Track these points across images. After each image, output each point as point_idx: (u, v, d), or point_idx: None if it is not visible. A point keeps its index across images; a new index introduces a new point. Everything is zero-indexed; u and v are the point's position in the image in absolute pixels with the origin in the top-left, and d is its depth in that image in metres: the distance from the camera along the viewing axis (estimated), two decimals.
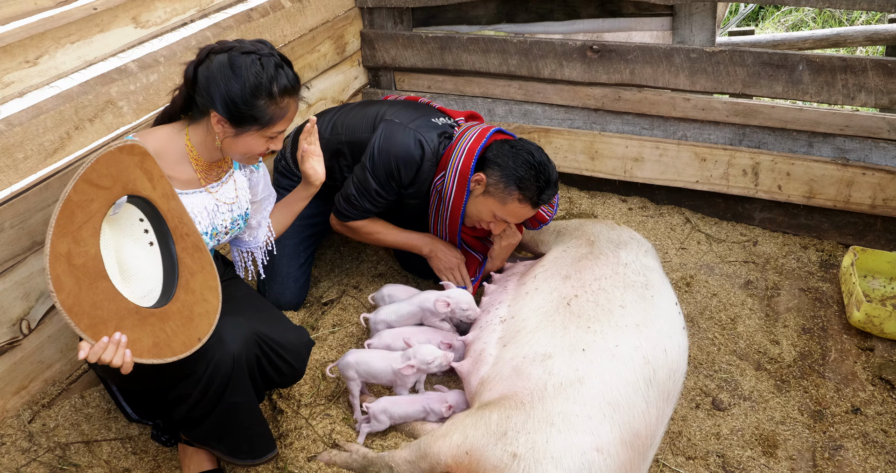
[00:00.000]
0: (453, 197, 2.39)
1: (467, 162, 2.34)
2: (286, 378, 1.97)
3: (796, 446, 2.18)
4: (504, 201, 2.31)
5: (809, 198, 2.95)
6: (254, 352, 1.81)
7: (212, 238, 1.88)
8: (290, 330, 1.98)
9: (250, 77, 1.69)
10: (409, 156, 2.35)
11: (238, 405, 1.78)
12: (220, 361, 1.70)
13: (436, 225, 2.55)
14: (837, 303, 2.74)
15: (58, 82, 2.04)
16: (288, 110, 1.79)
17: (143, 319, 1.56)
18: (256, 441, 1.90)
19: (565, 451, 1.75)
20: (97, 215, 1.50)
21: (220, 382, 1.72)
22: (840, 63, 2.66)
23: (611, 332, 2.04)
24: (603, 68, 3.00)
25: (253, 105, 1.71)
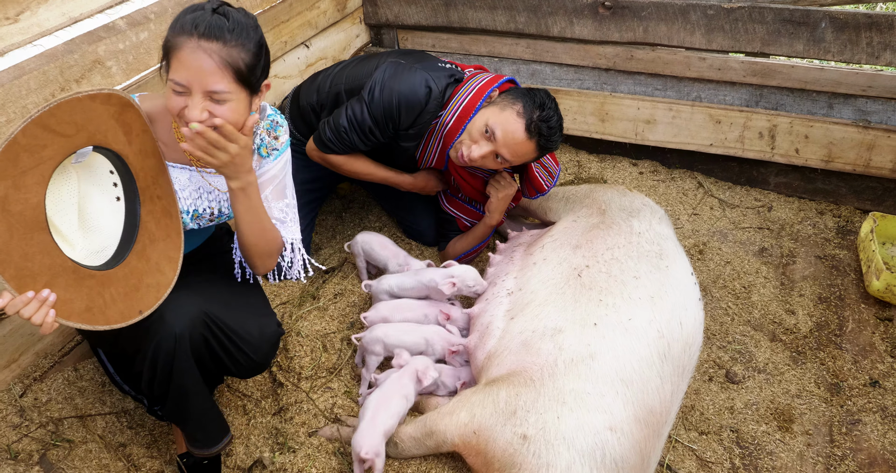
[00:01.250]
0: (449, 126, 2.26)
1: (475, 98, 2.22)
2: (243, 369, 1.81)
3: (812, 420, 2.12)
4: (503, 108, 2.16)
5: (828, 162, 2.84)
6: (200, 333, 1.66)
7: (192, 219, 1.76)
8: (252, 319, 1.81)
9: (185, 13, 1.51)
10: (413, 96, 2.20)
11: (187, 388, 1.67)
12: (162, 339, 1.59)
13: (423, 156, 2.41)
14: (855, 271, 2.66)
15: (41, 41, 1.93)
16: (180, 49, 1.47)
17: (80, 279, 1.44)
18: (209, 427, 1.81)
19: (578, 431, 1.70)
20: (48, 162, 1.38)
21: (164, 361, 1.61)
22: (865, 20, 2.52)
23: (624, 305, 1.96)
24: (615, 26, 2.86)
25: (165, 37, 1.51)
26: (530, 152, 2.19)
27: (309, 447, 1.98)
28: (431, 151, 2.37)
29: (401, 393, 1.97)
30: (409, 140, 2.33)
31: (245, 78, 1.53)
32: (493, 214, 2.48)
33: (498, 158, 2.21)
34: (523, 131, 2.13)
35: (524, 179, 2.46)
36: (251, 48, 1.52)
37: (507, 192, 2.41)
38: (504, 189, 2.40)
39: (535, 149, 2.18)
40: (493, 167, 2.28)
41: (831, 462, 2.02)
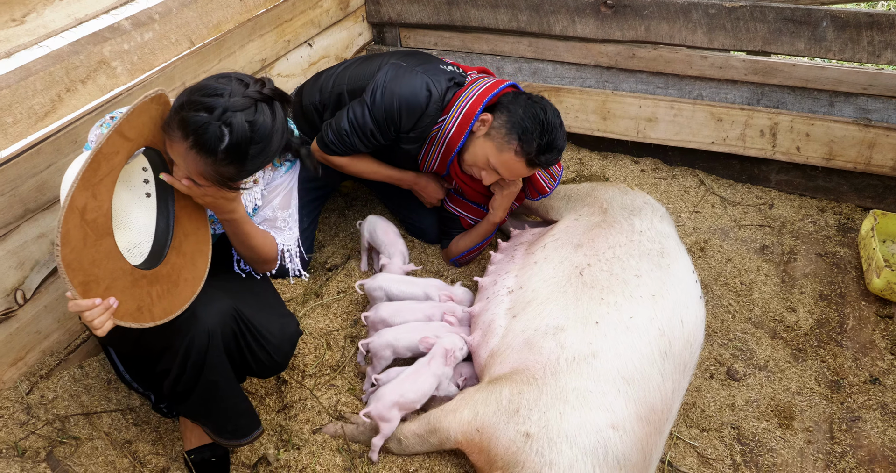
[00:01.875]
0: (451, 134, 2.27)
1: (475, 105, 2.23)
2: (264, 368, 1.86)
3: (813, 417, 2.14)
4: (501, 149, 2.18)
5: (829, 160, 2.85)
6: (231, 328, 1.71)
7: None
8: (275, 320, 1.87)
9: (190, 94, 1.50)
10: (414, 99, 2.21)
11: (217, 383, 1.72)
12: (196, 335, 1.63)
13: (425, 160, 2.43)
14: (856, 269, 2.67)
15: (47, 42, 1.96)
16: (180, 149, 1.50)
17: (135, 281, 1.49)
18: (240, 421, 1.84)
19: (580, 429, 1.72)
20: (117, 167, 1.43)
21: (196, 357, 1.65)
22: (866, 19, 2.53)
23: (625, 303, 1.98)
24: (617, 24, 2.87)
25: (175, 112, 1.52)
26: (534, 173, 2.32)
27: (313, 444, 1.99)
28: (433, 156, 2.38)
29: (430, 371, 2.02)
30: (410, 143, 2.35)
31: (226, 184, 1.57)
32: (497, 211, 2.49)
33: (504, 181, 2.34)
34: (525, 167, 2.20)
35: (526, 181, 2.48)
36: (240, 167, 1.53)
37: (511, 190, 2.43)
38: (508, 187, 2.42)
39: (538, 170, 2.32)
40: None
41: (831, 458, 2.03)
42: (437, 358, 2.05)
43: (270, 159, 1.58)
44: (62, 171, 1.93)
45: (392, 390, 1.97)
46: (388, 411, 1.93)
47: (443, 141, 2.31)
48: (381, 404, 1.94)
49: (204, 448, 1.96)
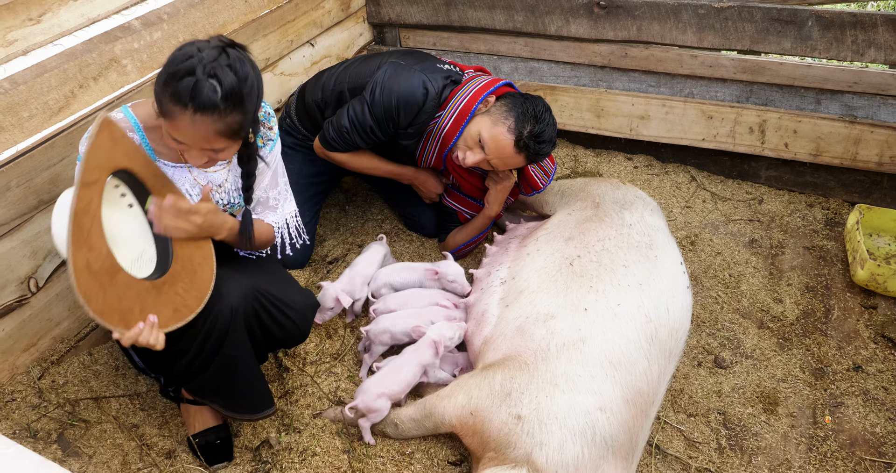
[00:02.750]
0: (447, 128, 2.35)
1: (471, 101, 2.31)
2: (289, 336, 1.95)
3: (797, 403, 2.21)
4: (496, 123, 2.26)
5: (816, 156, 2.93)
6: (252, 305, 1.80)
7: None
8: (294, 290, 1.97)
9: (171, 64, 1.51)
10: (411, 96, 2.29)
11: (236, 358, 1.79)
12: (220, 313, 1.71)
13: (422, 155, 2.51)
14: (842, 261, 2.74)
15: (61, 40, 2.03)
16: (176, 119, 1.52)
17: (160, 290, 1.58)
18: (254, 397, 1.92)
19: (569, 411, 1.78)
20: (97, 212, 1.47)
21: (218, 334, 1.73)
22: (850, 19, 2.61)
23: (613, 291, 2.05)
24: (610, 25, 2.95)
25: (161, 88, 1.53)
26: (519, 163, 2.32)
27: (313, 427, 2.06)
28: (430, 151, 2.47)
29: (415, 361, 2.08)
30: (408, 138, 2.43)
31: (238, 134, 1.60)
32: (492, 205, 2.57)
33: (488, 164, 2.34)
34: (512, 147, 2.25)
35: (520, 177, 2.56)
36: (242, 110, 1.56)
37: (506, 184, 2.50)
38: (502, 181, 2.50)
39: (524, 160, 2.31)
40: (487, 169, 2.41)
41: (814, 442, 2.10)
42: (422, 349, 2.11)
43: (261, 94, 1.63)
44: (74, 164, 2.01)
45: (376, 382, 2.04)
46: (374, 402, 2.00)
47: (439, 136, 2.39)
48: (367, 396, 2.00)
49: (208, 431, 2.03)
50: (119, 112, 1.69)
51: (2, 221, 1.89)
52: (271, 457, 2.01)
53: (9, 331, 1.99)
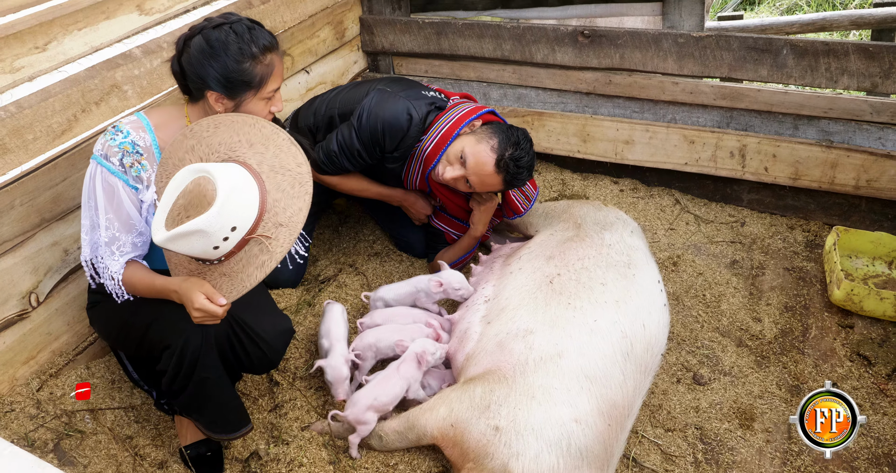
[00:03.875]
0: (428, 151, 2.45)
1: (454, 127, 2.41)
2: (257, 365, 2.01)
3: (773, 419, 2.26)
4: (479, 141, 2.35)
5: (795, 179, 3.01)
6: (224, 330, 1.87)
7: None
8: (268, 318, 2.00)
9: (230, 46, 1.75)
10: (396, 122, 2.40)
11: (207, 380, 1.87)
12: (191, 337, 1.80)
13: (407, 177, 2.60)
14: (821, 282, 2.80)
15: (66, 67, 2.13)
16: (274, 66, 1.83)
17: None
18: (230, 416, 1.99)
19: (545, 423, 1.84)
20: None
21: (191, 356, 1.81)
22: (823, 47, 2.71)
23: (590, 308, 2.12)
24: (594, 53, 3.06)
25: (241, 71, 1.77)
26: (496, 185, 2.40)
27: (301, 439, 2.12)
28: (414, 172, 2.57)
29: (400, 375, 2.13)
30: (394, 162, 2.53)
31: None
32: (477, 226, 2.66)
33: (468, 183, 2.41)
34: (493, 166, 2.33)
35: (503, 200, 2.66)
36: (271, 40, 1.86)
37: (489, 205, 2.60)
38: (485, 202, 2.59)
39: (502, 182, 2.38)
40: (464, 190, 2.48)
41: (788, 456, 2.15)
42: (406, 362, 2.17)
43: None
44: (76, 184, 2.11)
45: (366, 394, 2.09)
46: (364, 414, 2.06)
47: (421, 157, 2.49)
48: (357, 408, 2.06)
49: (199, 443, 2.10)
50: (133, 116, 1.83)
51: (6, 237, 1.98)
52: (260, 468, 2.08)
53: (9, 344, 2.07)
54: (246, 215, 1.59)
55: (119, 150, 1.76)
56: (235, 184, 1.56)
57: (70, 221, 2.16)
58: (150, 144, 1.81)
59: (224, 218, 1.53)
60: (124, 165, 1.77)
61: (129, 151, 1.77)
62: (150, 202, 1.82)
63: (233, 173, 1.58)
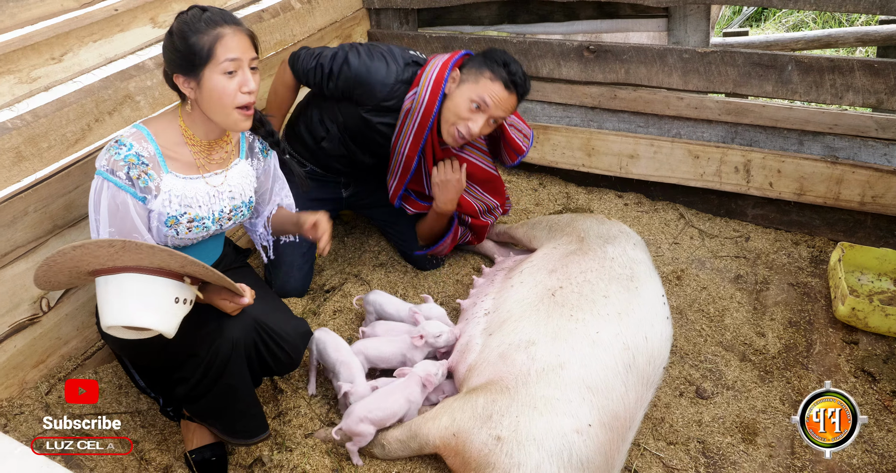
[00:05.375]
0: (426, 100, 2.44)
1: (443, 69, 2.43)
2: (282, 367, 2.08)
3: (776, 434, 2.26)
4: (476, 81, 2.38)
5: (800, 195, 3.03)
6: (252, 338, 1.93)
7: (214, 222, 1.99)
8: (289, 321, 2.08)
9: (180, 28, 1.78)
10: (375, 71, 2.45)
11: (234, 387, 1.91)
12: (221, 345, 1.85)
13: (398, 137, 2.56)
14: (825, 298, 2.81)
15: (80, 78, 2.19)
16: (222, 36, 1.77)
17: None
18: (250, 422, 2.02)
19: (547, 433, 1.85)
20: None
21: (219, 365, 1.86)
22: (828, 64, 2.73)
23: (592, 320, 2.13)
24: (599, 68, 3.09)
25: (188, 46, 1.76)
26: (514, 103, 2.44)
27: (304, 446, 2.14)
28: (408, 129, 2.51)
29: (403, 394, 2.14)
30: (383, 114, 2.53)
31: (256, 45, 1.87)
32: (437, 200, 2.65)
33: (492, 121, 2.43)
34: (504, 90, 2.37)
35: (503, 144, 2.67)
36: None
37: (445, 177, 2.61)
38: (441, 174, 2.61)
39: (517, 99, 2.43)
40: (487, 132, 2.49)
41: (791, 472, 2.15)
42: (411, 385, 2.16)
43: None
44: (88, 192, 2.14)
45: (361, 406, 2.09)
46: (357, 426, 2.06)
47: (418, 110, 2.46)
48: (350, 420, 2.07)
49: (204, 448, 2.12)
50: (132, 128, 1.84)
51: (19, 243, 2.02)
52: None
53: (20, 348, 2.10)
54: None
55: (125, 163, 1.77)
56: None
57: (82, 228, 2.20)
58: (154, 152, 1.83)
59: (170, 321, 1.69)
60: (131, 177, 1.78)
61: (135, 163, 1.77)
62: (158, 211, 1.85)
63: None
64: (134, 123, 1.87)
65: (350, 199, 2.95)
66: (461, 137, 2.43)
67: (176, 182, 1.86)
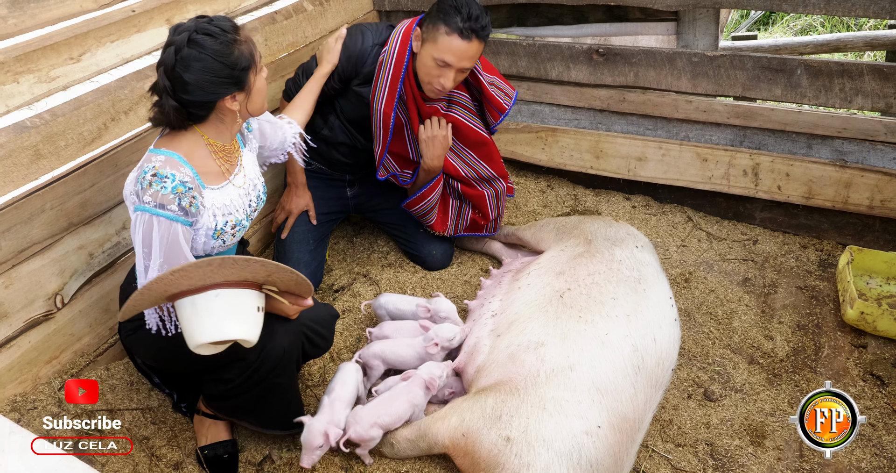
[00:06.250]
0: (396, 51, 2.49)
1: (410, 25, 2.50)
2: (319, 351, 2.17)
3: (784, 437, 2.26)
4: (436, 40, 2.40)
5: (808, 198, 3.03)
6: (301, 341, 2.00)
7: (248, 219, 2.02)
8: (319, 306, 2.15)
9: (214, 48, 1.74)
10: (355, 46, 2.56)
11: (280, 384, 1.98)
12: (272, 350, 1.89)
13: (375, 91, 2.58)
14: (834, 301, 2.81)
15: (98, 78, 2.20)
16: (250, 38, 1.84)
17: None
18: (289, 415, 2.09)
19: (556, 434, 1.86)
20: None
21: (266, 368, 1.91)
22: (837, 68, 2.74)
23: (601, 321, 2.15)
24: (608, 71, 3.11)
25: (235, 61, 1.77)
26: (479, 50, 2.45)
27: None
28: (383, 81, 2.54)
29: (407, 398, 2.15)
30: (366, 85, 2.62)
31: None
32: (424, 157, 2.68)
33: (463, 72, 2.48)
34: (461, 41, 2.38)
35: (485, 103, 2.71)
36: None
37: (432, 133, 2.64)
38: (426, 131, 2.64)
39: (479, 44, 2.43)
40: (462, 80, 2.56)
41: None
42: (414, 388, 2.17)
43: None
44: (104, 190, 2.18)
45: (369, 412, 2.10)
46: (368, 432, 2.06)
47: (390, 62, 2.51)
48: (360, 427, 2.06)
49: (216, 445, 2.14)
50: (159, 155, 1.78)
51: (35, 240, 2.04)
52: (273, 472, 2.11)
53: (34, 343, 2.12)
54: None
55: (174, 195, 1.73)
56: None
57: (96, 225, 2.22)
58: (192, 174, 1.81)
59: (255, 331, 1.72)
60: (183, 207, 1.75)
61: (184, 192, 1.75)
62: (205, 227, 1.86)
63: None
64: (151, 147, 1.83)
65: (355, 200, 2.98)
66: (438, 92, 2.52)
67: (214, 195, 1.88)
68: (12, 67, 1.91)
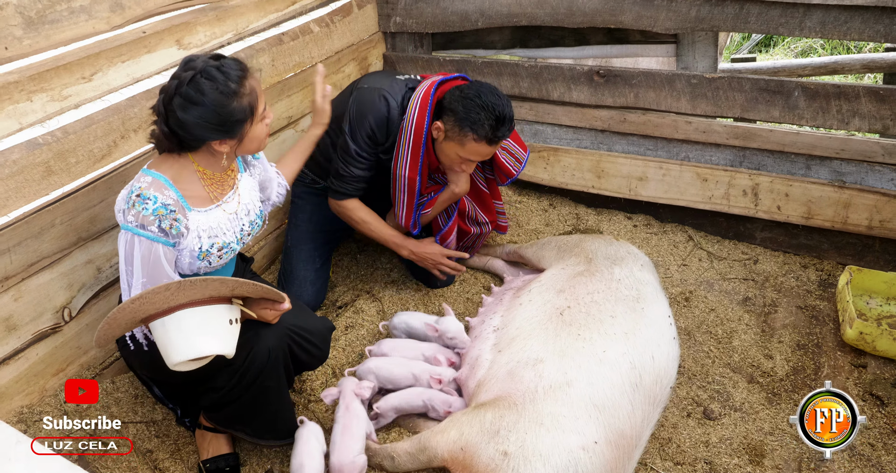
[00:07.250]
0: (416, 118, 2.49)
1: (427, 91, 2.50)
2: (314, 360, 2.18)
3: (783, 456, 2.27)
4: (462, 143, 2.42)
5: (808, 218, 3.06)
6: (286, 343, 2.02)
7: (238, 243, 2.05)
8: (313, 318, 2.20)
9: (210, 95, 1.77)
10: (378, 113, 2.53)
11: (268, 388, 1.99)
12: (257, 353, 1.93)
13: (397, 160, 2.59)
14: (834, 321, 2.82)
15: (109, 96, 2.26)
16: (254, 90, 1.85)
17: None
18: (281, 424, 2.10)
19: (553, 449, 1.88)
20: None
21: (254, 371, 1.94)
22: (834, 90, 2.78)
23: (599, 339, 2.17)
24: (609, 92, 3.16)
25: (230, 112, 1.80)
26: (496, 149, 2.53)
27: None
28: (404, 149, 2.57)
29: (353, 416, 2.18)
30: (386, 153, 2.64)
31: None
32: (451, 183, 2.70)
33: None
34: (488, 148, 2.44)
35: (494, 167, 2.76)
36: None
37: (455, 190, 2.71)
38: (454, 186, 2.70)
39: (498, 146, 2.49)
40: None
41: None
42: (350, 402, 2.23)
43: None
44: (112, 206, 2.22)
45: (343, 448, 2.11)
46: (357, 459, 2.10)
47: (410, 129, 2.52)
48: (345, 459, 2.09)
49: (218, 458, 2.16)
50: (147, 176, 1.84)
51: (45, 254, 2.09)
52: None
53: (42, 356, 2.16)
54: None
55: (154, 216, 1.78)
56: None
57: (104, 240, 2.27)
58: (176, 197, 1.85)
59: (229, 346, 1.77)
60: (163, 229, 1.80)
61: (164, 215, 1.79)
62: (189, 248, 1.90)
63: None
64: (143, 167, 1.88)
65: None
66: (458, 172, 2.62)
67: (200, 218, 1.92)
68: (26, 85, 1.97)
